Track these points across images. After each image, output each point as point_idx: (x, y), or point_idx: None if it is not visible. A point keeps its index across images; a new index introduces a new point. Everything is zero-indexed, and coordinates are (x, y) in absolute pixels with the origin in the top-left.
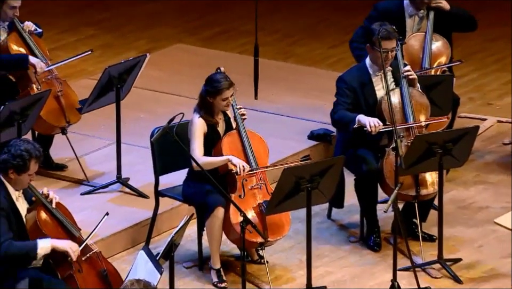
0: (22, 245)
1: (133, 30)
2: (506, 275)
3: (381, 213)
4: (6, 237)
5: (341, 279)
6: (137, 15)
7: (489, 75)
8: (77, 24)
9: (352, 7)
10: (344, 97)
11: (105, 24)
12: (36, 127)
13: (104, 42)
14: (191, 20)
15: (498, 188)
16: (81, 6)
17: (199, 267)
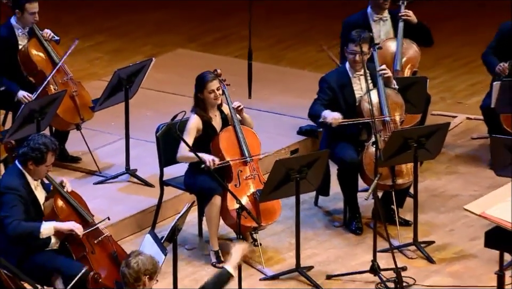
0: (28, 225)
1: (139, 37)
2: (474, 256)
3: (362, 200)
4: (16, 218)
5: (326, 260)
6: (144, 23)
7: (459, 78)
8: (90, 32)
9: (338, 16)
10: (323, 94)
11: (115, 31)
12: (53, 124)
13: (113, 47)
14: (192, 28)
15: (467, 178)
16: (93, 15)
17: (199, 249)
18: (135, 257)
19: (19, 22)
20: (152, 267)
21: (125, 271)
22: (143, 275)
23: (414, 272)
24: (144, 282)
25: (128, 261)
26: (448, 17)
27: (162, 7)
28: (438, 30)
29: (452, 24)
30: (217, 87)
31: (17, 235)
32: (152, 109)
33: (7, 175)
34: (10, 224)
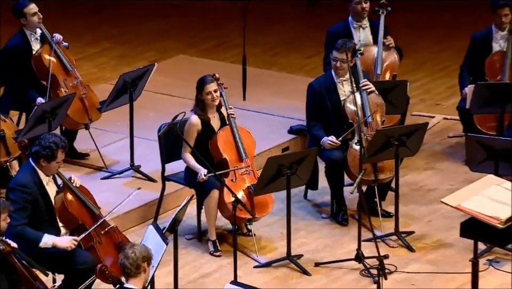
0: (31, 233)
1: (143, 44)
2: (450, 245)
3: (348, 194)
4: (21, 222)
5: (315, 249)
6: (147, 31)
7: (437, 81)
8: (97, 38)
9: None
10: (311, 107)
11: (120, 38)
12: (64, 123)
13: (119, 53)
14: (192, 35)
15: (444, 173)
16: (100, 23)
17: (198, 239)
18: (130, 248)
19: (28, 27)
20: (148, 254)
21: (125, 262)
22: (142, 262)
23: (395, 260)
24: (144, 268)
25: (125, 253)
26: (429, 26)
27: (164, 17)
28: (419, 37)
29: (432, 32)
30: (214, 89)
31: (20, 239)
32: (155, 110)
33: (21, 172)
34: (16, 227)
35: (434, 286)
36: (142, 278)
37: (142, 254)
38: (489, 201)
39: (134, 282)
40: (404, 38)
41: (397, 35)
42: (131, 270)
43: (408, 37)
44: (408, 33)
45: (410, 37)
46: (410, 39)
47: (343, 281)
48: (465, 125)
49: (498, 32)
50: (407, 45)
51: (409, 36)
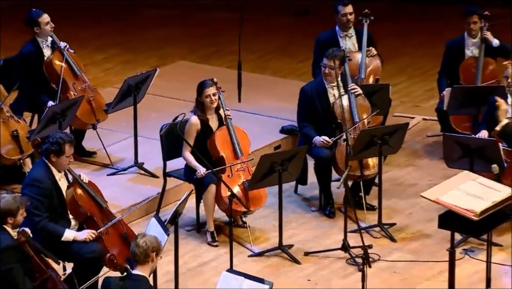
0: (54, 227)
1: (146, 50)
2: (429, 236)
3: (335, 189)
4: (43, 216)
5: (305, 239)
6: (150, 39)
7: (417, 84)
8: (104, 46)
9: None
10: (303, 109)
11: (125, 45)
12: (73, 124)
13: (124, 59)
14: (191, 43)
15: (423, 169)
16: (106, 32)
17: (197, 230)
18: (142, 238)
19: (40, 35)
20: (157, 245)
21: (136, 250)
22: (151, 252)
23: (379, 249)
24: (152, 258)
25: (137, 242)
26: (410, 33)
27: (165, 26)
28: (402, 43)
29: (414, 39)
30: (213, 92)
31: (43, 233)
32: (157, 112)
33: (35, 169)
34: (39, 222)
35: (415, 273)
36: (149, 266)
37: (152, 244)
38: (465, 195)
39: (142, 269)
40: (386, 45)
41: (380, 42)
42: (140, 257)
43: (390, 44)
44: (391, 40)
45: (393, 44)
46: (392, 46)
47: (330, 269)
48: (443, 125)
49: (470, 39)
50: (390, 52)
51: (391, 43)
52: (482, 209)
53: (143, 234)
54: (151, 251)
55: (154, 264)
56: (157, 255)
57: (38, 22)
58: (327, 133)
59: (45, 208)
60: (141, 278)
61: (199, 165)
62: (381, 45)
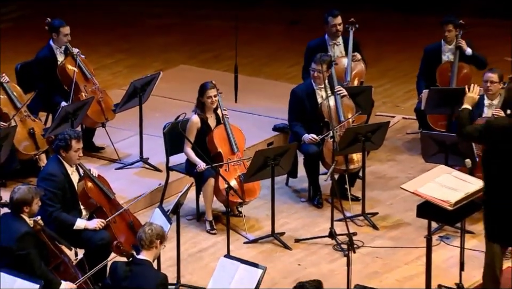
0: (66, 217)
1: (150, 55)
2: (408, 224)
3: (322, 181)
4: (56, 207)
5: (295, 227)
6: (154, 45)
7: (397, 86)
8: (112, 51)
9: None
10: (293, 109)
11: (131, 51)
12: (84, 122)
13: (130, 63)
14: (192, 48)
15: (403, 164)
16: (114, 38)
17: (197, 219)
18: (149, 226)
19: (56, 42)
20: (162, 234)
21: (142, 236)
22: (155, 239)
23: (362, 236)
24: (156, 245)
25: (144, 229)
26: (392, 40)
27: (167, 33)
28: (384, 49)
29: (395, 45)
30: (214, 94)
31: (56, 223)
32: (160, 111)
33: (50, 164)
34: (52, 213)
35: (395, 258)
36: (153, 253)
37: (158, 232)
38: (440, 187)
39: (146, 254)
40: (370, 51)
41: (364, 48)
42: (145, 243)
43: (373, 50)
44: (374, 46)
45: (376, 50)
46: (375, 51)
47: (318, 255)
48: (421, 123)
49: (446, 46)
50: (373, 57)
51: (374, 49)
52: (456, 200)
53: (150, 223)
54: (156, 239)
55: (158, 251)
56: (161, 243)
57: (58, 30)
58: (315, 131)
59: (58, 200)
60: (145, 262)
61: (199, 160)
62: (365, 50)
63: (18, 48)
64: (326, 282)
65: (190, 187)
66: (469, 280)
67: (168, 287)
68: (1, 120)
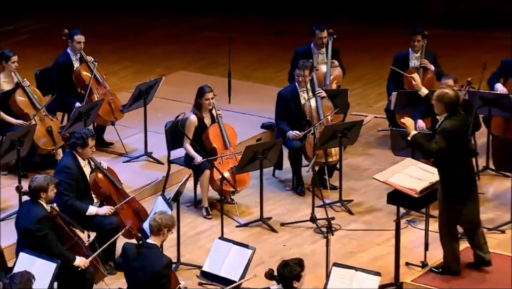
0: (80, 205)
1: (154, 62)
2: (380, 210)
3: (304, 172)
4: (71, 196)
5: (280, 213)
6: (157, 53)
7: (370, 89)
8: (119, 59)
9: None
10: (279, 109)
11: (137, 58)
12: (95, 121)
13: (136, 69)
14: (189, 56)
15: (375, 157)
16: (121, 47)
17: (194, 206)
18: (160, 215)
19: (72, 50)
20: (171, 223)
21: (152, 223)
22: (164, 227)
23: (339, 220)
24: (163, 232)
25: (155, 217)
26: (365, 48)
27: (168, 43)
28: (359, 56)
29: (368, 53)
30: (211, 97)
31: (71, 210)
32: (162, 111)
33: (65, 158)
34: (67, 201)
35: (368, 239)
36: (161, 238)
37: (167, 221)
38: (408, 177)
39: (154, 239)
40: (347, 58)
41: (342, 56)
42: (154, 229)
43: (350, 57)
44: (349, 54)
45: (352, 57)
46: (350, 59)
47: (301, 237)
48: (390, 121)
49: (413, 54)
50: (348, 63)
51: (351, 56)
52: (422, 188)
53: (161, 212)
54: (164, 227)
55: (165, 237)
56: (168, 231)
57: (73, 38)
58: (298, 128)
59: (73, 190)
60: (153, 246)
61: (197, 154)
62: (343, 57)
63: (37, 56)
64: (308, 261)
65: (189, 178)
66: (433, 258)
67: (169, 270)
68: (23, 119)
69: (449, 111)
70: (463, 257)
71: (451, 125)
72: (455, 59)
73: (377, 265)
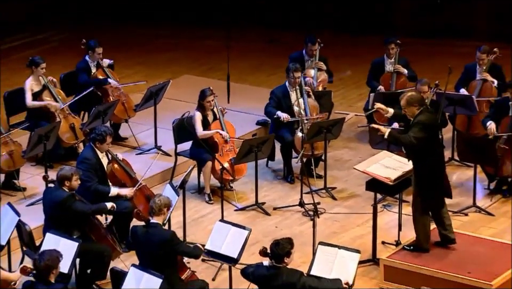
0: (102, 188)
1: (162, 67)
2: (360, 195)
3: (294, 163)
4: (93, 182)
5: (273, 198)
6: (164, 59)
7: (351, 91)
8: (132, 64)
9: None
10: (272, 101)
11: (147, 64)
12: (112, 119)
13: (146, 73)
14: (193, 62)
15: (355, 150)
16: (133, 55)
17: (198, 193)
18: (158, 197)
19: (90, 58)
20: (168, 203)
21: (153, 205)
22: (163, 207)
23: (324, 205)
24: (164, 212)
25: (154, 200)
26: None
27: (174, 50)
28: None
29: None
30: (212, 99)
31: (96, 193)
32: (170, 110)
33: (85, 150)
34: (91, 186)
35: (349, 221)
36: (162, 217)
37: (165, 202)
38: (384, 167)
39: (157, 218)
40: (331, 63)
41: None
42: (155, 210)
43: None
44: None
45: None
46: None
47: (291, 219)
48: (368, 119)
49: (388, 60)
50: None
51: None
52: (396, 177)
53: (159, 195)
54: (164, 207)
55: (166, 216)
56: (168, 210)
57: (93, 49)
58: (288, 124)
59: (94, 177)
60: (157, 225)
61: (219, 130)
62: (330, 63)
63: (61, 62)
64: (297, 240)
65: (193, 168)
66: (405, 237)
67: (176, 239)
68: (49, 118)
69: (420, 106)
70: (431, 237)
71: (426, 117)
72: (424, 65)
73: (357, 244)
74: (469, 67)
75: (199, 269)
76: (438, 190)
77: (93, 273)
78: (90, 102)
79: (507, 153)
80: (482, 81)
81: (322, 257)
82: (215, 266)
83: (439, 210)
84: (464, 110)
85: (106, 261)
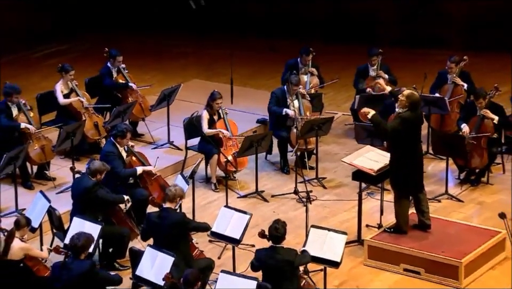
0: (129, 170)
1: (174, 72)
2: (347, 185)
3: (289, 156)
4: (121, 168)
5: (271, 187)
6: (176, 65)
7: (339, 94)
8: (147, 70)
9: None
10: (273, 100)
11: (161, 69)
12: (130, 117)
13: (160, 78)
14: (200, 67)
15: (343, 145)
16: (148, 62)
17: (206, 182)
18: (174, 187)
19: (112, 64)
20: (182, 194)
21: (169, 192)
22: (177, 197)
23: (316, 193)
24: (176, 200)
25: (169, 189)
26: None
27: (185, 57)
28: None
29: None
30: (220, 101)
31: (126, 176)
32: (181, 110)
33: (107, 145)
34: (121, 172)
35: (337, 207)
36: (174, 204)
37: (179, 192)
38: (368, 160)
39: (170, 204)
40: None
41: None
42: (170, 197)
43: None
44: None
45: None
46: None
47: (287, 205)
48: (354, 118)
49: (371, 67)
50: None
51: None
52: (378, 168)
53: (175, 185)
54: (177, 196)
55: (178, 203)
56: (180, 199)
57: (115, 57)
58: (283, 123)
59: (121, 164)
60: (170, 209)
61: (222, 130)
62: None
63: (86, 68)
64: (292, 224)
65: (201, 161)
66: (386, 221)
67: (187, 218)
68: (76, 116)
69: (410, 108)
70: (410, 221)
71: (407, 114)
72: (403, 71)
73: (344, 227)
74: (442, 73)
75: (206, 249)
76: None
77: (114, 252)
78: (112, 102)
79: (475, 147)
80: (453, 84)
81: (314, 238)
82: (220, 246)
83: (416, 197)
84: (437, 110)
85: (125, 242)
